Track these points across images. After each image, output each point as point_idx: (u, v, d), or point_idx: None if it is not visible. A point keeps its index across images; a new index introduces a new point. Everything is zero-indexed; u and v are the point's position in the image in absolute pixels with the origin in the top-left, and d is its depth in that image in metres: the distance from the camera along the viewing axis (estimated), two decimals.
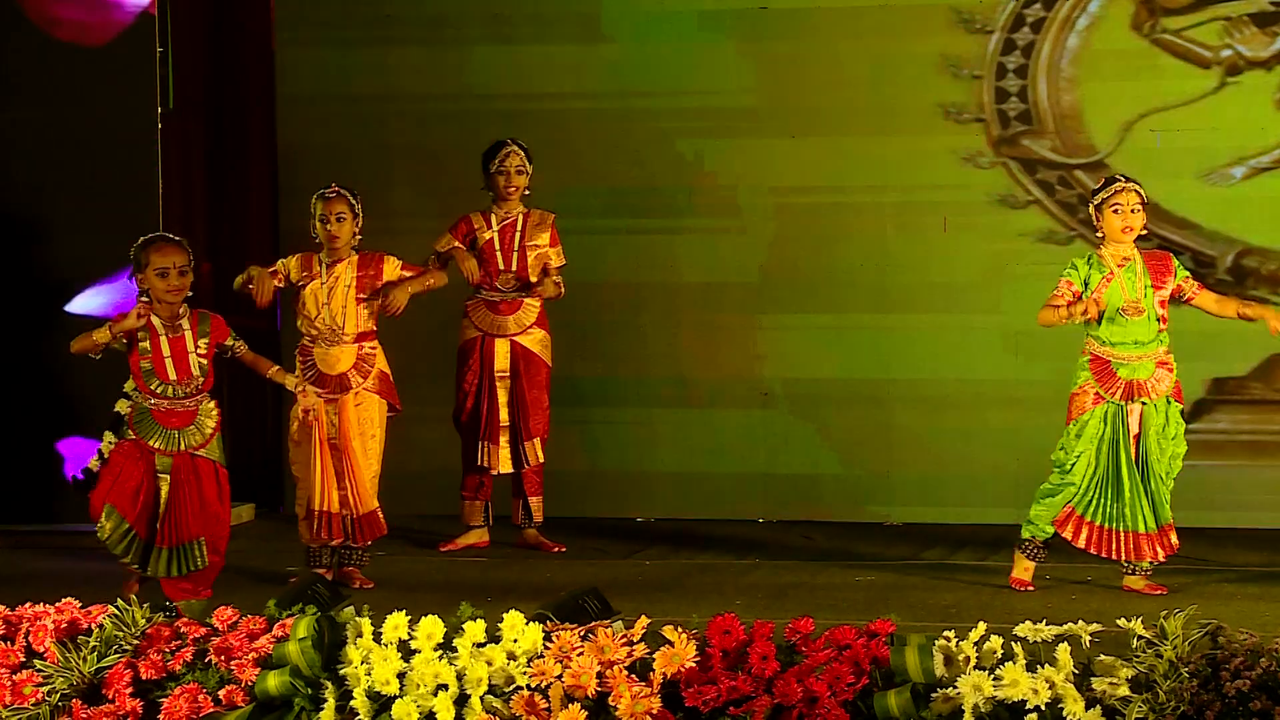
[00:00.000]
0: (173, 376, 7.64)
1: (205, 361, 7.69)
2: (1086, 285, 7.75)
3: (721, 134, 9.81)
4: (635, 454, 9.96)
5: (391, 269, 8.16)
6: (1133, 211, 7.73)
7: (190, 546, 7.63)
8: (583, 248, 9.29)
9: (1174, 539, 7.75)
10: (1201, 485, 9.39)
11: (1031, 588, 7.79)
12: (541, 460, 8.94)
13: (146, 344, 7.65)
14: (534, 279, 8.88)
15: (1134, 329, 7.73)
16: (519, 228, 8.88)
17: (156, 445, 7.67)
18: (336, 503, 8.03)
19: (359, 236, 8.14)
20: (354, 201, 8.11)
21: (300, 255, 8.17)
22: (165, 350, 7.65)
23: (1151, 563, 7.75)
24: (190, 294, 7.72)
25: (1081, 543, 7.77)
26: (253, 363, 7.87)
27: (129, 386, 7.81)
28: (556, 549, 8.92)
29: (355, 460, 8.04)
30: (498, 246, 8.86)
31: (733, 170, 9.85)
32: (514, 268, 8.86)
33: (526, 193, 8.92)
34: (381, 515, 8.13)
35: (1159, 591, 7.69)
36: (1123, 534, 7.73)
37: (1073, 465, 7.75)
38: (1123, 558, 7.75)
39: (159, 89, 9.50)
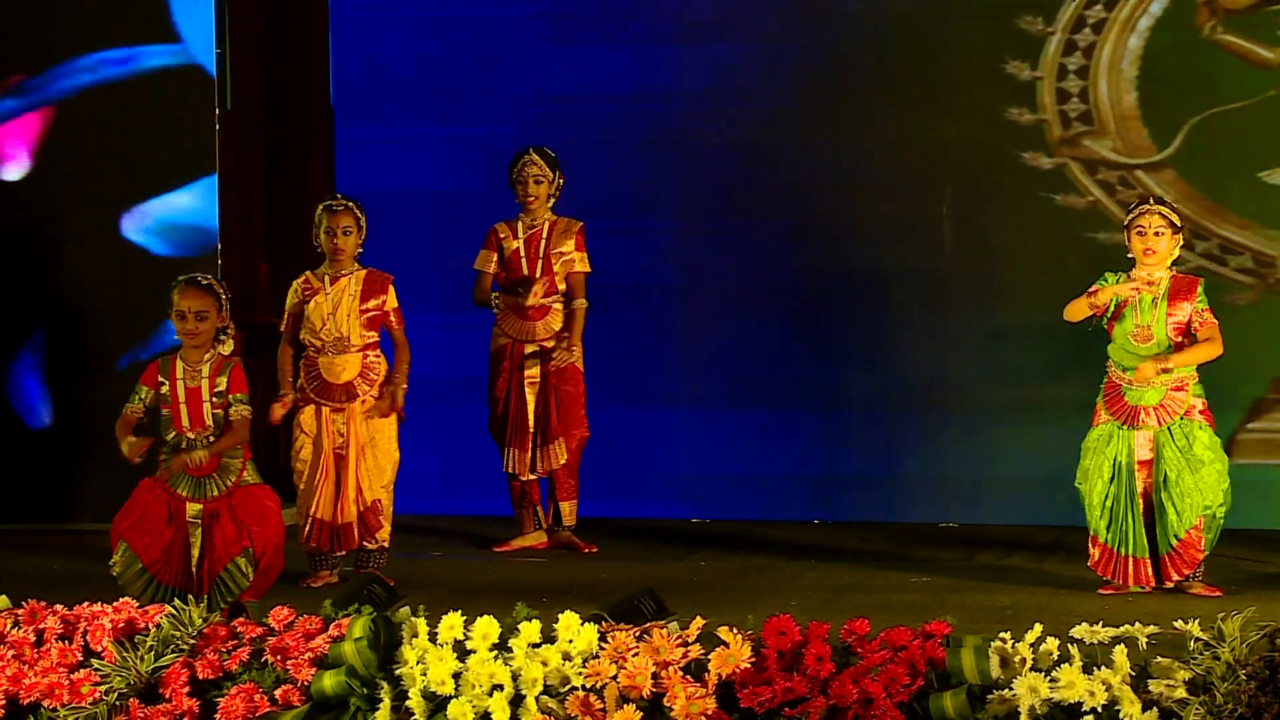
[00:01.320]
0: (186, 425, 7.42)
1: (221, 413, 7.45)
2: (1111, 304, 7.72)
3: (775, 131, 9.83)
4: (688, 454, 9.96)
5: (392, 299, 8.17)
6: (1155, 234, 7.67)
7: (230, 571, 7.36)
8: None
9: (1194, 554, 7.63)
10: (1263, 486, 9.37)
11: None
12: (565, 462, 8.91)
13: (166, 389, 7.45)
14: (561, 287, 8.87)
15: (1145, 355, 7.68)
16: (544, 236, 8.89)
17: (184, 494, 7.42)
18: (339, 512, 8.06)
19: (361, 249, 8.18)
20: (360, 215, 8.14)
21: (295, 290, 8.19)
22: (181, 397, 7.43)
23: (1189, 576, 7.67)
24: (223, 339, 7.52)
25: (1101, 568, 7.73)
26: (238, 427, 7.51)
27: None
28: (588, 549, 8.92)
29: (364, 466, 8.07)
30: (523, 255, 8.87)
31: (793, 167, 9.85)
32: (538, 273, 8.86)
33: (551, 200, 8.92)
34: (383, 517, 8.13)
35: (1214, 594, 7.64)
36: (1132, 560, 7.67)
37: (1091, 489, 7.73)
38: (1135, 583, 7.67)
39: (217, 90, 9.54)
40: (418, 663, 6.13)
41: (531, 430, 8.87)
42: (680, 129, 9.97)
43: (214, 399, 7.42)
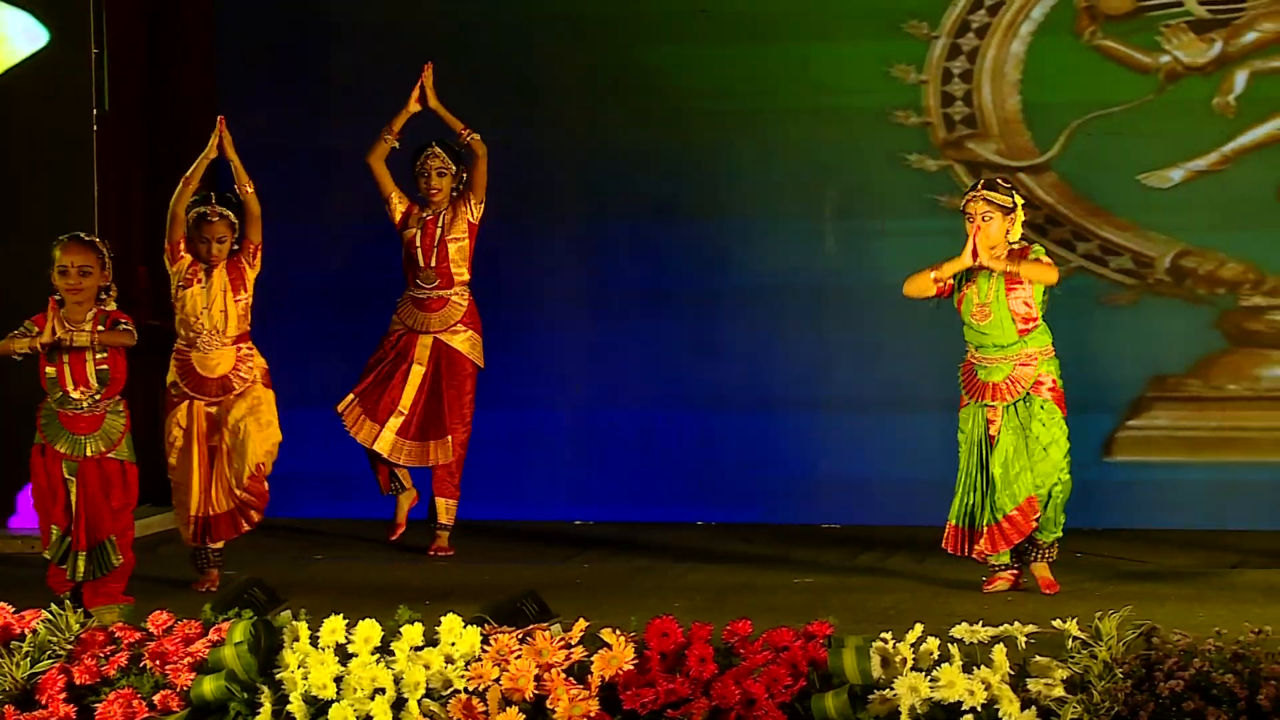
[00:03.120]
0: (70, 386, 7.50)
1: (106, 369, 7.54)
2: (956, 284, 7.82)
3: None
4: (572, 456, 9.96)
5: (251, 275, 8.15)
6: (985, 219, 7.74)
7: (104, 546, 7.51)
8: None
9: (1017, 532, 7.71)
10: (1138, 486, 9.48)
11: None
12: (453, 459, 8.89)
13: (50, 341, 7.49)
14: (456, 272, 8.86)
15: (992, 333, 7.77)
16: (439, 225, 8.87)
17: (63, 450, 7.53)
18: (212, 505, 8.06)
19: (236, 248, 8.16)
20: (235, 221, 8.12)
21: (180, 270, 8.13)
22: (65, 358, 7.50)
23: (985, 556, 7.76)
24: (105, 298, 7.57)
25: (951, 545, 7.84)
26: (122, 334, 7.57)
27: None
28: (444, 553, 8.89)
29: (238, 456, 8.06)
30: (419, 244, 8.85)
31: (677, 170, 9.88)
32: (434, 264, 8.84)
33: (455, 193, 8.90)
34: (259, 496, 8.13)
35: (1053, 589, 7.73)
36: (969, 531, 7.78)
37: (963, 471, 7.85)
38: (971, 553, 7.77)
39: (94, 91, 9.43)
40: (299, 667, 6.10)
41: (404, 414, 8.83)
42: (575, 130, 9.96)
43: (98, 358, 7.51)
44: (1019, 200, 7.84)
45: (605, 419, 9.97)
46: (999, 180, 7.92)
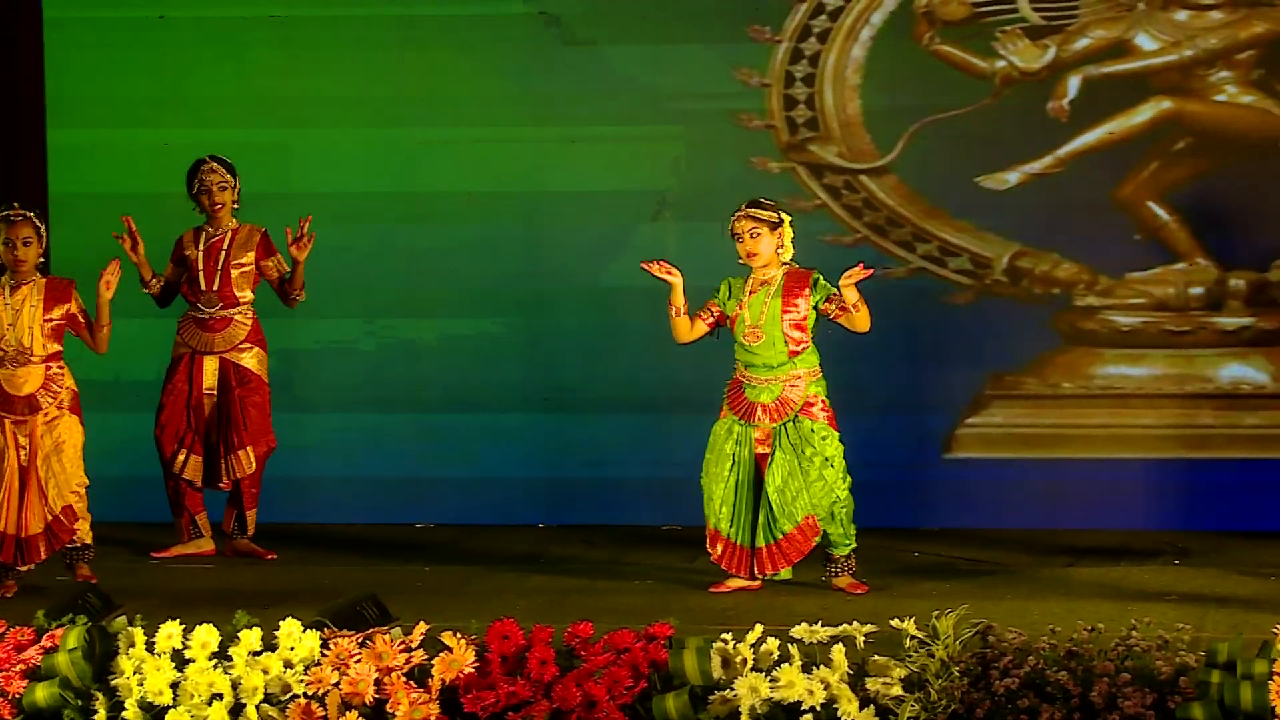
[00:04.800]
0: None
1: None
2: (725, 307, 7.91)
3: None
4: (411, 458, 9.91)
5: (76, 304, 8.12)
6: (752, 237, 7.83)
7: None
8: None
9: (797, 551, 7.76)
10: (976, 485, 9.59)
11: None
12: (253, 470, 8.82)
13: None
14: (243, 296, 8.79)
15: (763, 353, 7.83)
16: (225, 246, 8.80)
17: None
18: (24, 525, 7.97)
19: (43, 259, 8.11)
20: (39, 225, 8.07)
21: None
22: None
23: (765, 575, 7.82)
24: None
25: (724, 562, 7.87)
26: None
27: None
28: (269, 556, 8.82)
29: (50, 476, 8.00)
30: (200, 267, 8.78)
31: (516, 172, 9.85)
32: (216, 287, 8.77)
33: (236, 207, 8.83)
34: (77, 521, 8.09)
35: (860, 589, 7.80)
36: (749, 550, 7.82)
37: (711, 483, 7.86)
38: (753, 573, 7.82)
39: None
40: (135, 673, 6.04)
41: (208, 439, 8.77)
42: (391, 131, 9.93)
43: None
44: (786, 216, 7.94)
45: (445, 421, 9.93)
46: (763, 199, 8.00)
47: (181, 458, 8.77)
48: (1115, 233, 9.60)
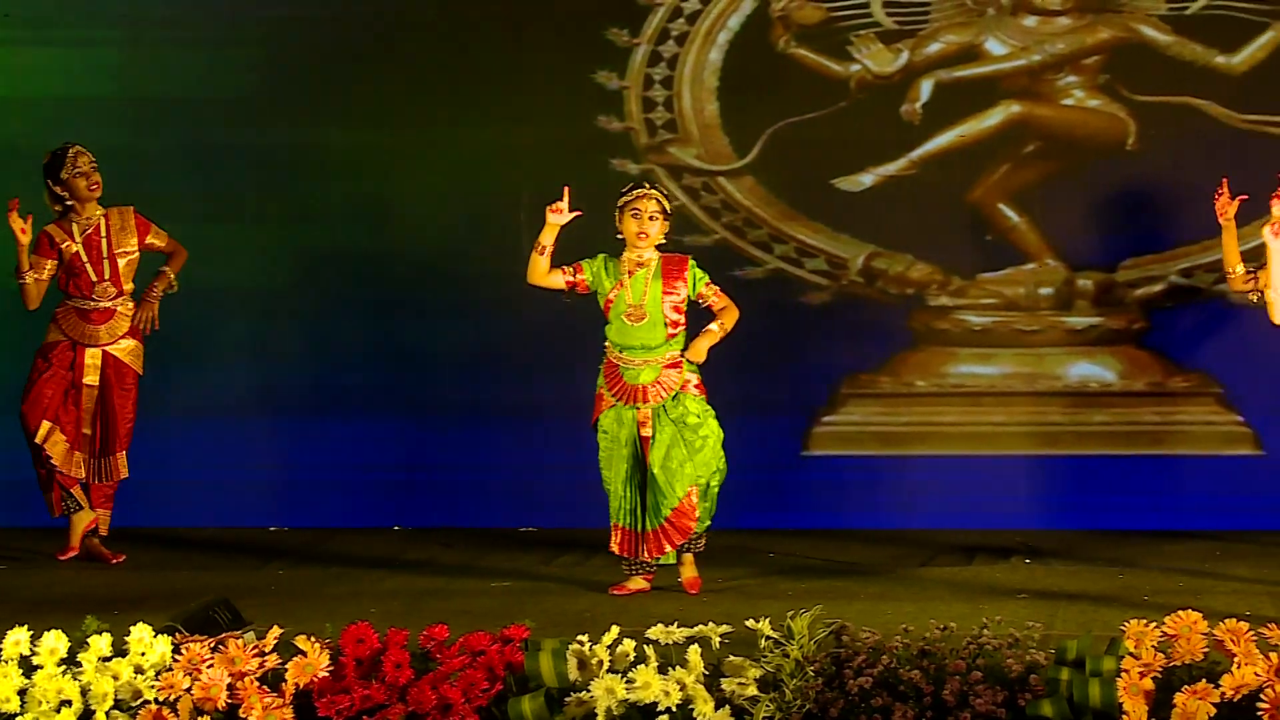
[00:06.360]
0: None
1: None
2: (594, 284, 7.91)
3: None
4: (264, 461, 9.84)
5: None
6: (650, 218, 7.87)
7: None
8: None
9: (686, 524, 7.82)
10: (831, 485, 9.67)
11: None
12: (124, 475, 8.76)
13: None
14: (128, 287, 8.72)
15: (640, 333, 7.87)
16: (104, 234, 8.69)
17: None
18: None
19: None
20: None
21: None
22: None
23: (655, 558, 7.87)
24: None
25: (616, 547, 7.92)
26: None
27: None
28: (116, 559, 8.74)
29: None
30: (86, 260, 8.67)
31: (375, 173, 9.81)
32: (108, 277, 8.68)
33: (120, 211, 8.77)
34: None
35: (695, 587, 7.86)
36: (638, 534, 7.88)
37: (615, 475, 7.90)
38: (645, 556, 7.87)
39: None
40: None
41: (90, 436, 8.67)
42: (240, 132, 9.85)
43: None
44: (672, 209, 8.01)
45: (300, 424, 9.86)
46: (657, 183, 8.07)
47: (45, 430, 8.63)
48: (967, 234, 9.73)
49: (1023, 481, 9.66)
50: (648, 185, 7.96)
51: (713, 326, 7.90)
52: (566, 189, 7.89)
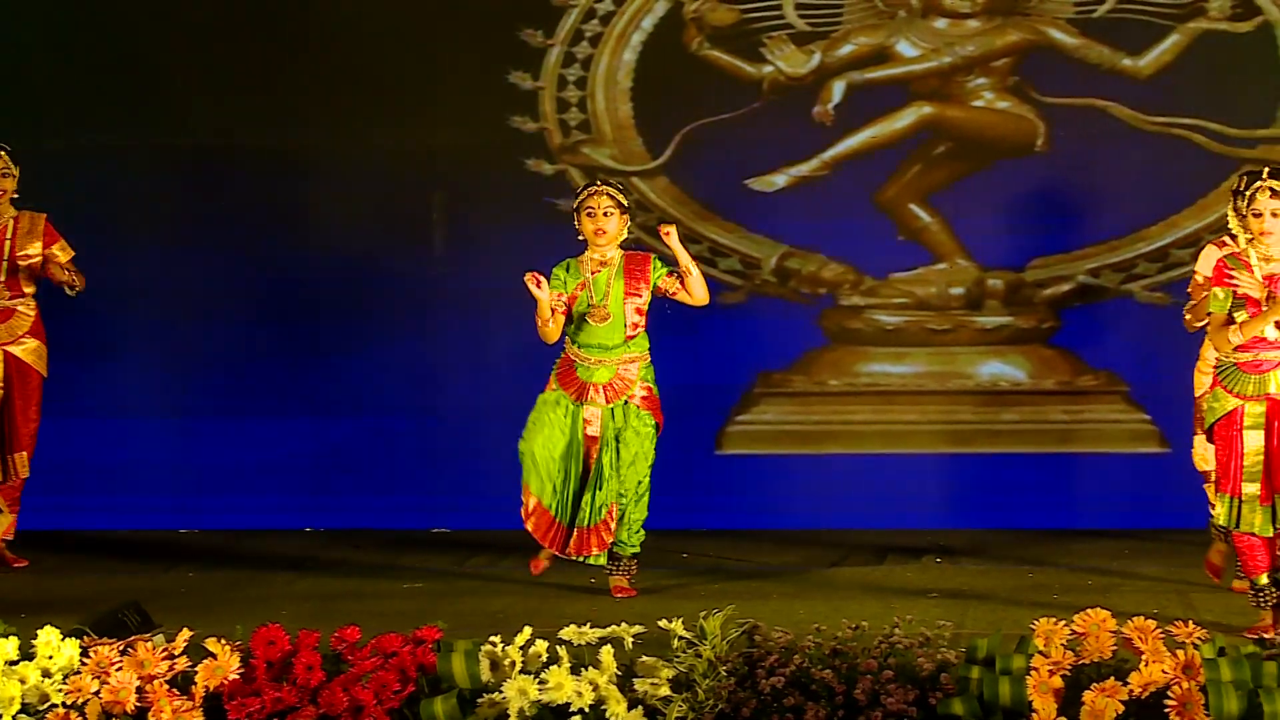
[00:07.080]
0: None
1: None
2: (565, 288, 7.87)
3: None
4: (174, 463, 9.78)
5: None
6: (605, 215, 7.85)
7: None
8: None
9: (605, 537, 7.81)
10: (745, 484, 9.70)
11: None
12: (25, 475, 8.67)
13: None
14: (28, 289, 8.64)
15: (600, 333, 7.86)
16: (9, 236, 8.62)
17: None
18: None
19: None
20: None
21: None
22: None
23: (583, 557, 7.85)
24: None
25: (532, 526, 7.89)
26: None
27: None
28: (19, 564, 8.65)
29: None
30: None
31: (282, 173, 9.77)
32: (4, 279, 8.60)
33: (15, 195, 8.65)
34: None
35: (629, 594, 7.85)
36: (567, 529, 7.86)
37: (532, 446, 7.85)
38: (571, 553, 7.86)
39: None
40: None
41: None
42: (150, 132, 9.79)
43: None
44: (629, 203, 7.98)
45: (211, 425, 9.81)
46: (615, 180, 8.04)
47: None
48: (879, 234, 9.78)
49: (934, 480, 9.72)
50: (599, 183, 7.93)
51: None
52: (532, 275, 7.75)
